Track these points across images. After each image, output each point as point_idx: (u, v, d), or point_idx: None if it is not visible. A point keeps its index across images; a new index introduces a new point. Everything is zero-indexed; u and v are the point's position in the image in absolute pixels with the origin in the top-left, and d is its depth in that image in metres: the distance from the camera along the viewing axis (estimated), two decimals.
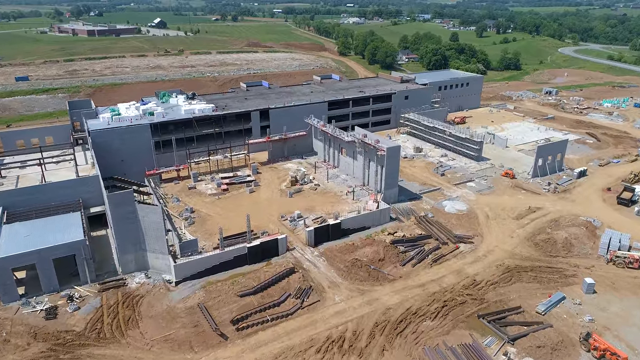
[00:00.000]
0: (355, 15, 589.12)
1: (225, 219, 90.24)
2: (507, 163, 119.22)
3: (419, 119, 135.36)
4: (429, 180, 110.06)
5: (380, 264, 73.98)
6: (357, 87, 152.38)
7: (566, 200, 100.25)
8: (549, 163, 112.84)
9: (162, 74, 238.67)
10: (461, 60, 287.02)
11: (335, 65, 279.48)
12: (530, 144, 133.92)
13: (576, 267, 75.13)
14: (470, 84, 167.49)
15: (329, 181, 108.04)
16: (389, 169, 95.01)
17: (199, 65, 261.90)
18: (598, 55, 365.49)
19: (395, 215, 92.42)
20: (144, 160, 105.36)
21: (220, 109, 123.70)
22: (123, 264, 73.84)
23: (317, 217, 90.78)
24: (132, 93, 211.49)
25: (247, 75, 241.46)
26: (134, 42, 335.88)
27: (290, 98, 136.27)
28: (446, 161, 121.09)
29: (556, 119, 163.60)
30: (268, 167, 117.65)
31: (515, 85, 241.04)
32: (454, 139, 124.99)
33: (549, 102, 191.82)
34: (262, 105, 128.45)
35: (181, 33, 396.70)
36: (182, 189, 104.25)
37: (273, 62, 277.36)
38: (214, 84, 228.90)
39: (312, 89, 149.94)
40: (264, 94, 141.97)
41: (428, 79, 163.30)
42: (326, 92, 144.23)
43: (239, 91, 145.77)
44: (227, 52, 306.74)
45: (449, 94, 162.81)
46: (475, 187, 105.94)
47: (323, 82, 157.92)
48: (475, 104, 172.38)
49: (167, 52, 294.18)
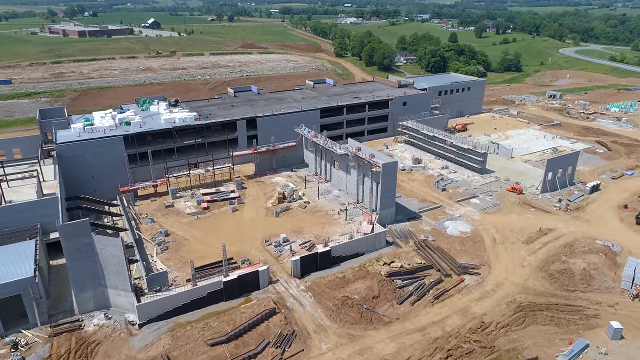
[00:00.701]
0: (352, 16, 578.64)
1: (202, 244, 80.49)
2: (513, 176, 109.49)
3: (417, 127, 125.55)
4: (429, 196, 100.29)
5: (375, 302, 64.20)
6: (352, 92, 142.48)
7: (580, 219, 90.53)
8: (559, 177, 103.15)
9: (152, 76, 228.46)
10: (461, 61, 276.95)
11: (331, 67, 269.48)
12: (537, 154, 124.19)
13: (598, 304, 65.42)
14: (471, 89, 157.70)
15: (319, 198, 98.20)
16: (385, 187, 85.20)
17: (191, 68, 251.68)
18: (599, 56, 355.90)
19: (392, 239, 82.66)
20: (117, 176, 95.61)
21: (203, 118, 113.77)
22: (80, 303, 63.93)
23: (305, 241, 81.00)
24: (118, 97, 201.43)
25: (239, 78, 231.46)
26: (125, 43, 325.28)
27: (280, 105, 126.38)
28: (447, 174, 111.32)
29: (562, 126, 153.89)
30: (254, 181, 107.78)
31: (517, 88, 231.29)
32: (455, 150, 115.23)
33: (554, 107, 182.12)
34: (250, 113, 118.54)
35: (175, 34, 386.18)
36: (158, 207, 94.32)
37: (267, 63, 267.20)
38: (204, 87, 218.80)
39: (304, 94, 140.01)
40: (253, 100, 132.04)
41: (427, 84, 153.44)
42: (319, 98, 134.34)
43: (226, 97, 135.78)
44: (220, 53, 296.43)
45: (449, 99, 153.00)
46: (480, 205, 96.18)
47: (316, 87, 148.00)
48: (477, 110, 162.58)
49: (159, 54, 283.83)
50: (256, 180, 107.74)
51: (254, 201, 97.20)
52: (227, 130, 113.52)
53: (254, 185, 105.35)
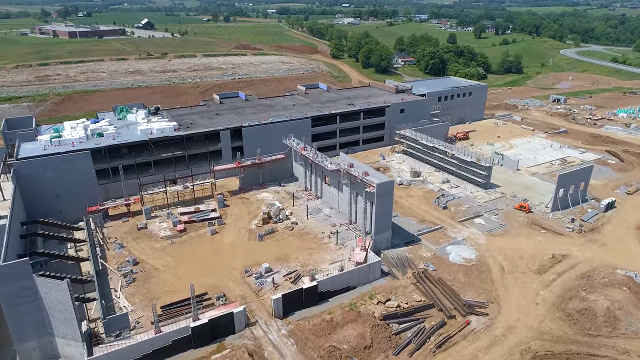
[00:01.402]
0: (350, 16, 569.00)
1: (174, 275, 70.95)
2: (520, 191, 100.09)
3: (416, 136, 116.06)
4: (429, 215, 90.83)
5: (367, 353, 54.68)
6: (347, 98, 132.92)
7: (596, 243, 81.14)
8: (571, 193, 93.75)
9: (140, 79, 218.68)
10: (460, 63, 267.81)
11: (327, 69, 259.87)
12: (544, 166, 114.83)
13: (626, 354, 56.03)
14: (473, 94, 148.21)
15: (308, 217, 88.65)
16: (380, 209, 75.72)
17: (182, 70, 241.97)
18: (601, 57, 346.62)
19: (388, 268, 73.24)
20: (85, 194, 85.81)
21: (184, 128, 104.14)
22: (23, 354, 54.38)
23: (290, 272, 71.52)
24: (104, 102, 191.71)
25: (231, 81, 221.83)
26: (116, 45, 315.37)
27: (269, 113, 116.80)
28: (448, 189, 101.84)
29: (569, 133, 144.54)
30: (239, 197, 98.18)
31: (519, 92, 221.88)
32: (457, 162, 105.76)
33: (558, 112, 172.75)
34: (235, 122, 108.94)
35: (168, 34, 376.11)
36: (130, 230, 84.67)
37: (261, 66, 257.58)
38: (194, 91, 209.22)
39: (296, 100, 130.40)
40: (239, 107, 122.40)
41: (426, 89, 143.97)
42: (311, 105, 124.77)
43: (211, 104, 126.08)
44: (213, 55, 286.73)
45: (449, 105, 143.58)
46: (485, 226, 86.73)
47: (308, 93, 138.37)
48: (479, 116, 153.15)
49: (150, 56, 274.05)
50: (240, 197, 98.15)
51: (236, 222, 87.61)
52: (209, 141, 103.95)
53: (237, 202, 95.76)
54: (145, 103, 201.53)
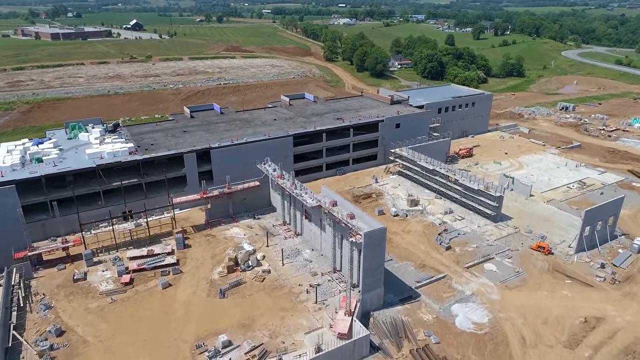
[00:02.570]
0: (346, 16, 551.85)
1: (106, 353, 54.88)
2: (535, 224, 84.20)
3: (413, 156, 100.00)
4: (430, 257, 74.87)
5: None
6: (335, 111, 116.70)
7: (635, 298, 65.30)
8: (599, 229, 77.89)
9: (118, 85, 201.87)
10: (459, 66, 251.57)
11: (319, 73, 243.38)
12: (561, 191, 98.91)
13: None
14: (476, 104, 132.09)
15: (284, 263, 72.61)
16: (369, 263, 59.72)
17: (165, 75, 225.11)
18: (604, 59, 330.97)
19: (380, 340, 57.28)
20: (10, 236, 69.68)
21: (142, 150, 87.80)
22: None
23: (254, 346, 55.50)
24: (76, 110, 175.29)
25: (215, 87, 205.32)
26: (100, 47, 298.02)
27: (245, 130, 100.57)
28: (452, 222, 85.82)
29: (583, 147, 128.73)
30: (204, 234, 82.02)
31: (522, 98, 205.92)
32: (461, 189, 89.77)
33: (568, 122, 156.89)
34: (203, 142, 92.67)
35: (156, 36, 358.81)
36: (64, 282, 68.41)
37: (250, 69, 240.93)
38: (175, 98, 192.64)
39: (277, 114, 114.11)
40: (212, 123, 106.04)
41: (424, 99, 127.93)
42: (294, 120, 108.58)
43: (181, 119, 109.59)
44: (200, 57, 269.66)
45: (450, 117, 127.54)
46: (497, 274, 70.79)
47: (293, 104, 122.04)
48: (483, 128, 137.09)
49: (133, 59, 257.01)
50: (206, 234, 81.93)
51: (197, 269, 71.46)
52: (172, 166, 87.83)
53: (201, 241, 79.55)
54: (122, 111, 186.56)
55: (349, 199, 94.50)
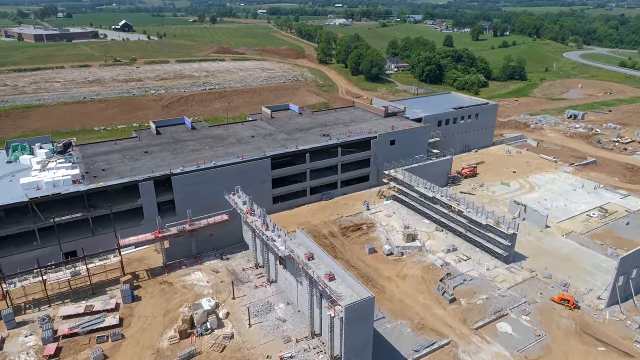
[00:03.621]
0: (342, 16, 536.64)
1: None
2: (554, 265, 70.22)
3: (410, 180, 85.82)
4: (430, 314, 60.79)
5: None
6: (322, 125, 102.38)
7: None
8: (633, 277, 63.91)
9: (96, 91, 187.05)
10: (459, 69, 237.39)
11: (311, 77, 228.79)
12: (580, 220, 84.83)
13: None
14: (480, 116, 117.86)
15: (251, 324, 58.42)
16: (352, 342, 45.63)
17: (148, 79, 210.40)
18: (607, 61, 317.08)
19: None
20: None
21: (89, 178, 73.44)
22: None
23: None
24: (48, 119, 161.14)
25: (200, 93, 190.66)
26: (84, 49, 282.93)
27: (216, 150, 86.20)
28: (456, 263, 71.72)
29: (599, 163, 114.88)
30: (160, 280, 67.82)
31: (526, 104, 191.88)
32: (466, 221, 75.71)
33: (578, 132, 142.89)
34: (166, 165, 78.38)
35: (144, 37, 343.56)
36: None
37: (238, 73, 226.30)
38: (156, 105, 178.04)
39: (257, 129, 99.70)
40: (180, 141, 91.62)
41: (423, 109, 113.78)
42: (275, 136, 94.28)
43: (145, 136, 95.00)
44: (188, 60, 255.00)
45: (451, 130, 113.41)
46: (514, 338, 56.72)
47: (275, 117, 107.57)
48: (488, 142, 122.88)
49: (117, 61, 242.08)
50: (162, 280, 67.72)
51: (143, 333, 57.25)
52: (126, 196, 73.62)
53: (155, 291, 65.34)
54: (97, 119, 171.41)
55: (335, 231, 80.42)
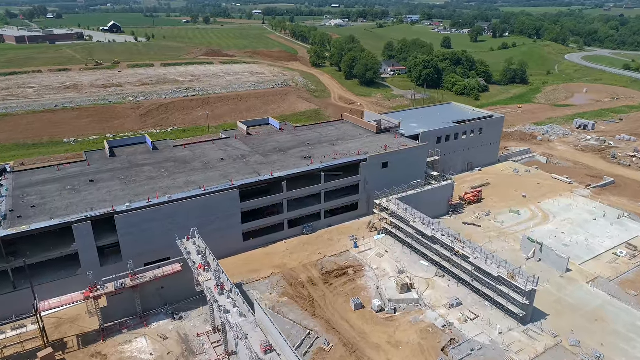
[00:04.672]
0: (338, 17, 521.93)
1: None
2: (582, 328, 56.36)
3: (405, 212, 71.87)
4: None
5: None
6: (305, 144, 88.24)
7: None
8: None
9: (70, 98, 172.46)
10: (458, 73, 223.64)
11: (302, 81, 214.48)
12: (606, 261, 70.94)
13: None
14: (484, 130, 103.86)
15: None
16: None
17: (129, 84, 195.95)
18: (610, 63, 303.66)
19: None
20: None
21: (11, 219, 59.24)
22: None
23: None
24: (12, 131, 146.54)
25: (182, 100, 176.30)
26: (67, 51, 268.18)
27: (174, 179, 72.01)
28: (461, 323, 57.79)
29: (617, 183, 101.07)
30: (92, 351, 53.72)
31: (531, 111, 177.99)
32: (473, 269, 61.79)
33: (590, 145, 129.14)
34: (111, 199, 64.22)
35: (131, 38, 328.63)
36: None
37: (226, 77, 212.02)
38: (134, 113, 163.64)
39: (229, 150, 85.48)
40: (136, 166, 77.36)
41: (419, 124, 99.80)
42: (248, 159, 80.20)
43: (97, 159, 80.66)
44: (174, 63, 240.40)
45: (452, 147, 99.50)
46: None
47: (252, 134, 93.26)
48: (492, 159, 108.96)
49: (98, 65, 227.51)
50: (95, 352, 53.57)
51: None
52: (60, 238, 59.56)
53: None
54: (68, 130, 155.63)
55: (316, 277, 66.48)
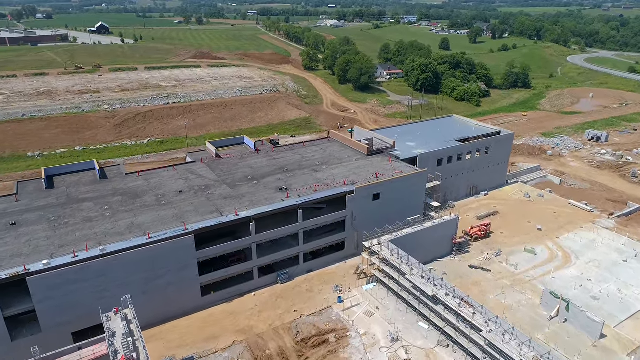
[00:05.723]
0: (334, 18, 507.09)
1: None
2: None
3: (400, 261, 57.96)
4: None
5: None
6: (282, 169, 74.22)
7: None
8: None
9: (42, 106, 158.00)
10: (457, 77, 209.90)
11: (293, 86, 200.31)
12: None
13: None
14: (492, 150, 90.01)
15: None
16: None
17: (107, 90, 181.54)
18: (615, 65, 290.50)
19: None
20: None
21: None
22: None
23: None
24: None
25: (162, 107, 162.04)
26: (48, 54, 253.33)
27: (117, 219, 57.91)
28: None
29: None
30: None
31: (536, 119, 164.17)
32: (485, 343, 48.00)
33: (606, 161, 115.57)
34: (27, 253, 50.26)
35: (117, 40, 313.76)
36: None
37: (212, 82, 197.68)
38: (108, 123, 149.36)
39: (191, 178, 71.35)
40: (74, 202, 63.20)
41: (417, 142, 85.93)
42: (213, 191, 66.21)
43: (30, 192, 66.59)
44: (159, 67, 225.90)
45: (455, 170, 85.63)
46: None
47: (223, 156, 79.11)
48: (500, 181, 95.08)
49: (78, 69, 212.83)
50: None
51: None
52: None
53: None
54: (35, 142, 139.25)
55: (288, 347, 52.59)
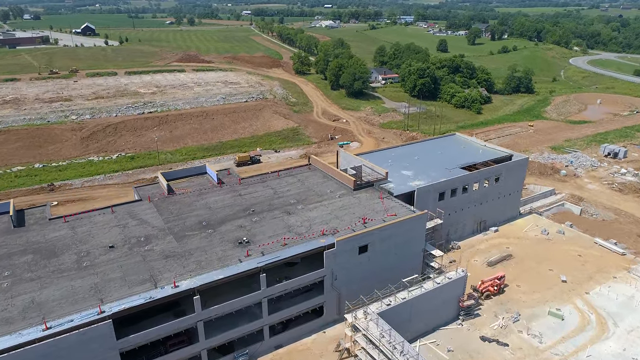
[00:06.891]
0: (329, 18, 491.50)
1: None
2: None
3: (392, 347, 43.02)
4: None
5: None
6: (248, 210, 59.11)
7: None
8: None
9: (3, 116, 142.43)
10: (457, 82, 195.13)
11: (282, 92, 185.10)
12: None
13: None
14: (503, 178, 75.10)
15: None
16: None
17: (80, 97, 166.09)
18: (619, 68, 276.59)
19: None
20: None
21: None
22: None
23: None
24: None
25: (137, 118, 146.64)
26: (25, 57, 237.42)
27: (14, 293, 42.90)
28: None
29: None
30: None
31: (544, 130, 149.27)
32: None
33: (628, 182, 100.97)
34: None
35: (101, 42, 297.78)
36: None
37: (194, 88, 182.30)
38: (74, 136, 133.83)
39: (130, 225, 56.17)
40: None
41: (415, 170, 70.95)
42: (152, 246, 51.13)
43: None
44: (140, 71, 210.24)
45: (460, 203, 70.70)
46: None
47: (178, 191, 64.08)
48: (513, 212, 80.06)
49: (53, 74, 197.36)
50: None
51: None
52: None
53: None
54: None
55: None
